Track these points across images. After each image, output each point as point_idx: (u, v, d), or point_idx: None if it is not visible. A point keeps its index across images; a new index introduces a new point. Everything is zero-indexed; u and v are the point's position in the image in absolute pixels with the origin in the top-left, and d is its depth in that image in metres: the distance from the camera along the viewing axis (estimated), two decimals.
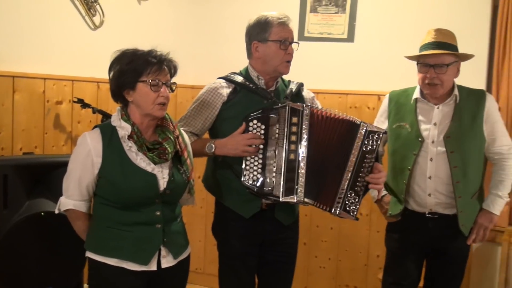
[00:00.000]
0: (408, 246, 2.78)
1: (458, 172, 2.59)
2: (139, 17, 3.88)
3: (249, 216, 2.49)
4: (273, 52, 2.47)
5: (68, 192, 2.19)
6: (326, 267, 4.15)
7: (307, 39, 4.12)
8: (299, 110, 2.34)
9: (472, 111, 2.64)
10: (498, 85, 3.57)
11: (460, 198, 2.60)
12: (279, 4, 4.15)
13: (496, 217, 2.70)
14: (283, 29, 2.47)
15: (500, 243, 3.56)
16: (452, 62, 2.59)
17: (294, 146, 2.32)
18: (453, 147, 2.60)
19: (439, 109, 2.67)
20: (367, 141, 2.33)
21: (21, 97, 3.02)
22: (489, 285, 3.70)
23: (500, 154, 2.69)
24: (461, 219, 2.62)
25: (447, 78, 2.60)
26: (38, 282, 2.73)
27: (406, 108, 2.73)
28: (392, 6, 3.88)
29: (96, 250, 2.16)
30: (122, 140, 2.13)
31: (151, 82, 2.08)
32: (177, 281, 2.30)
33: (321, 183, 2.36)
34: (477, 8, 3.64)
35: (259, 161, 2.35)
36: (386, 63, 3.87)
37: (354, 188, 2.34)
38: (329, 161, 2.37)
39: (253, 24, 2.52)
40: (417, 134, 2.66)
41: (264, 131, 2.36)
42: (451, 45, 2.60)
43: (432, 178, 2.65)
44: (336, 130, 2.37)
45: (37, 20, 3.12)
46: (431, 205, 2.68)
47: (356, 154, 2.33)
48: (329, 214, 2.41)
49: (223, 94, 2.49)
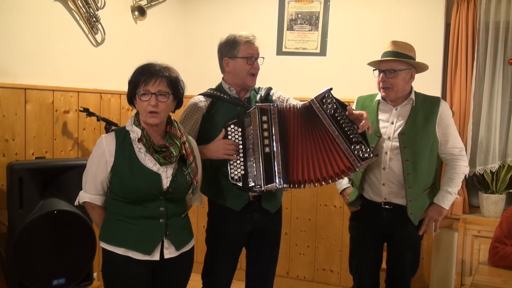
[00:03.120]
0: (365, 233, 2.81)
1: (409, 165, 2.61)
2: (136, 35, 3.86)
3: (240, 209, 2.50)
4: (240, 67, 2.52)
5: (86, 187, 2.21)
6: (305, 253, 4.17)
7: (285, 54, 4.15)
8: (267, 109, 2.38)
9: (426, 114, 2.65)
10: (451, 92, 3.62)
11: (410, 189, 2.62)
12: (260, 23, 4.19)
13: (445, 211, 2.72)
14: (249, 46, 2.53)
15: (456, 229, 3.60)
16: (402, 68, 2.61)
17: (268, 141, 2.34)
18: (405, 143, 2.62)
19: (397, 110, 2.70)
20: (325, 106, 2.36)
21: (32, 107, 2.98)
22: (447, 266, 3.76)
23: (452, 155, 2.71)
24: (410, 208, 2.63)
25: (396, 82, 2.61)
26: (51, 273, 2.70)
27: (369, 109, 2.74)
28: (358, 23, 3.93)
29: (107, 240, 2.17)
30: (133, 143, 2.14)
31: (141, 93, 2.09)
32: (181, 271, 2.28)
33: (303, 165, 2.36)
34: (433, 26, 3.70)
35: (241, 159, 2.38)
36: (354, 73, 3.91)
37: (353, 140, 2.33)
38: (314, 142, 2.37)
39: (224, 42, 2.57)
40: (376, 130, 2.68)
41: (241, 133, 2.40)
42: (403, 54, 2.63)
43: (386, 169, 2.66)
44: (300, 116, 2.40)
45: (46, 38, 3.08)
46: (385, 194, 2.69)
47: (329, 120, 2.35)
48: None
49: (202, 107, 2.52)
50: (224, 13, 4.32)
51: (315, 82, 4.06)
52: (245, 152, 2.38)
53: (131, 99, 2.17)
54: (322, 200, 4.08)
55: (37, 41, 3.03)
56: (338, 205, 4.03)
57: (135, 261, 2.12)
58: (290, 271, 4.23)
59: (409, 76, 2.67)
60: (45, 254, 2.67)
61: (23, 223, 2.58)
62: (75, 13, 3.28)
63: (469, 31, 3.54)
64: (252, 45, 2.54)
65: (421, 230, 2.71)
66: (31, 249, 2.62)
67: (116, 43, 3.62)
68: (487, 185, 3.64)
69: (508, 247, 2.74)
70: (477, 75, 3.56)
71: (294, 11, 4.09)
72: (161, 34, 4.18)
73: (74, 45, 3.29)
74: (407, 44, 2.69)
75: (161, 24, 4.17)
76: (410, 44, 2.70)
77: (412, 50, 2.69)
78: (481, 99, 3.58)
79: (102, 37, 3.48)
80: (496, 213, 3.58)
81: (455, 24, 3.58)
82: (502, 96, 3.55)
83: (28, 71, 2.98)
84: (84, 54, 3.38)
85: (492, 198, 3.60)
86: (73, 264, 2.77)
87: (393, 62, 2.62)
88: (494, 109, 3.55)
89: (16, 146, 2.89)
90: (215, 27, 4.30)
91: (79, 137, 3.33)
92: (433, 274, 3.80)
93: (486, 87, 3.56)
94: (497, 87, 3.54)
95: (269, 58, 4.15)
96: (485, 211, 3.63)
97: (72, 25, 3.28)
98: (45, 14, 3.07)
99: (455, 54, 3.59)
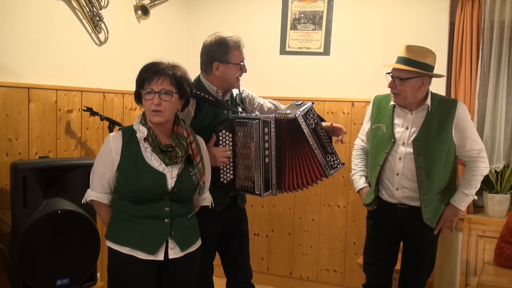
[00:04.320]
0: (380, 231, 2.81)
1: (423, 172, 2.60)
2: (139, 34, 3.84)
3: (221, 209, 2.54)
4: (232, 72, 2.50)
5: (93, 185, 2.20)
6: (308, 254, 4.15)
7: (288, 53, 4.14)
8: (268, 121, 2.41)
9: (441, 118, 2.61)
10: (456, 91, 3.60)
11: (424, 195, 2.61)
12: (263, 22, 4.18)
13: (460, 212, 2.70)
14: (241, 51, 2.51)
15: (461, 229, 3.59)
16: (409, 77, 2.56)
17: (268, 152, 2.39)
18: (419, 150, 2.60)
19: (412, 115, 2.67)
20: (308, 121, 2.48)
21: (35, 107, 2.96)
22: (452, 265, 3.74)
23: (470, 157, 2.67)
24: (425, 214, 2.63)
25: (404, 89, 2.58)
26: (55, 273, 2.68)
27: (385, 112, 2.74)
28: (362, 23, 3.91)
29: (112, 239, 2.16)
30: (140, 142, 2.13)
31: (146, 91, 2.08)
32: (186, 271, 2.26)
33: (299, 172, 2.49)
34: (437, 25, 3.68)
35: (231, 164, 2.45)
36: (358, 73, 3.90)
37: (327, 151, 2.54)
38: (296, 153, 2.49)
39: (214, 45, 2.49)
40: (390, 135, 2.67)
41: (232, 138, 2.43)
42: (415, 62, 2.55)
43: (399, 175, 2.66)
44: (288, 128, 2.48)
45: (49, 38, 3.06)
46: (399, 198, 2.69)
47: (310, 134, 2.48)
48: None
49: (191, 111, 2.46)
50: (228, 13, 4.30)
51: (319, 81, 4.06)
52: (234, 158, 2.44)
53: (138, 97, 2.15)
54: (325, 200, 4.07)
55: (41, 40, 3.01)
56: (342, 205, 4.01)
57: (140, 260, 2.11)
58: (293, 271, 4.21)
59: (420, 83, 2.59)
60: (49, 254, 2.65)
61: (26, 223, 2.56)
62: (79, 12, 3.26)
63: (473, 30, 3.52)
64: (242, 49, 2.52)
65: (436, 229, 2.70)
66: (34, 249, 2.60)
67: (119, 42, 3.60)
68: (492, 185, 3.62)
69: None
70: (481, 74, 3.54)
71: (298, 11, 4.08)
72: (164, 33, 4.16)
73: (77, 44, 3.28)
74: (422, 49, 2.59)
75: (164, 24, 4.15)
76: (427, 49, 2.60)
77: (428, 55, 2.58)
78: (486, 98, 3.57)
79: (105, 36, 3.46)
80: (501, 213, 3.56)
81: (459, 24, 3.56)
82: (507, 96, 3.53)
83: (32, 71, 2.96)
84: (87, 53, 3.36)
85: (496, 198, 3.58)
86: (77, 264, 2.75)
87: (401, 70, 2.57)
88: (498, 108, 3.53)
89: (19, 145, 2.87)
90: (218, 27, 4.20)
91: (83, 137, 3.31)
92: (438, 274, 3.78)
93: (490, 86, 3.54)
94: (502, 87, 3.52)
95: (272, 58, 4.19)
96: (489, 211, 3.61)
97: (76, 24, 3.26)
98: (48, 13, 3.05)
99: (460, 53, 3.57)
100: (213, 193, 2.45)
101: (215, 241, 2.66)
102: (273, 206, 4.21)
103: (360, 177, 2.91)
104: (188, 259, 2.23)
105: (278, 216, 4.21)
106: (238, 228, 2.73)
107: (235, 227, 2.71)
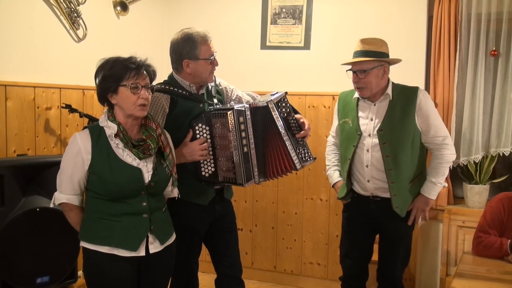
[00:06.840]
0: (355, 224, 2.85)
1: (390, 161, 2.62)
2: (118, 30, 3.82)
3: (207, 203, 2.53)
4: (203, 68, 2.46)
5: (62, 188, 2.14)
6: (292, 247, 4.17)
7: (269, 48, 4.14)
8: (243, 110, 2.38)
9: (403, 106, 2.64)
10: (435, 83, 3.64)
11: (393, 184, 2.64)
12: (244, 17, 4.17)
13: (431, 201, 2.73)
14: (209, 46, 2.46)
15: (441, 220, 3.63)
16: (372, 67, 2.60)
17: (245, 141, 2.37)
18: (384, 139, 2.63)
19: (375, 106, 2.70)
20: (280, 110, 2.42)
21: (13, 104, 2.93)
22: (433, 256, 3.78)
23: (435, 144, 2.69)
24: (394, 202, 2.66)
25: (369, 81, 2.61)
26: (35, 271, 2.68)
27: (350, 106, 2.77)
28: (342, 17, 3.93)
29: (89, 240, 2.12)
30: (110, 138, 2.10)
31: (131, 86, 2.06)
32: (164, 265, 2.27)
33: (272, 161, 2.44)
34: (415, 19, 3.70)
35: (211, 157, 2.43)
36: (338, 67, 3.85)
37: (298, 143, 2.46)
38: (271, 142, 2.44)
39: (181, 42, 2.44)
40: (356, 128, 2.70)
41: (209, 131, 2.42)
42: (373, 52, 2.60)
43: (368, 167, 2.69)
44: (262, 118, 2.44)
45: (26, 34, 3.03)
46: (371, 190, 2.72)
47: (281, 123, 2.41)
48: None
49: (165, 107, 2.44)
50: (208, 7, 4.29)
51: (300, 76, 4.06)
52: (214, 150, 2.42)
53: (106, 94, 2.11)
54: (308, 194, 4.08)
55: (17, 37, 2.98)
56: (324, 199, 4.03)
57: (121, 258, 2.10)
58: (277, 265, 4.22)
59: (382, 72, 2.64)
60: (28, 252, 2.63)
61: (4, 221, 2.55)
62: (56, 8, 3.23)
63: (451, 23, 3.55)
64: (210, 43, 2.47)
65: (409, 220, 2.73)
66: (13, 247, 2.58)
67: (98, 38, 3.58)
68: (471, 176, 3.66)
69: (491, 236, 2.76)
70: (459, 67, 3.58)
71: (278, 5, 4.08)
72: (144, 29, 4.14)
73: (55, 41, 3.25)
74: (376, 40, 2.66)
75: (144, 19, 4.13)
76: (380, 39, 2.68)
77: (383, 44, 2.66)
78: (464, 90, 3.60)
79: (83, 32, 3.43)
80: (480, 203, 3.61)
81: (437, 17, 3.58)
82: (485, 88, 3.56)
83: (8, 68, 2.93)
84: (65, 50, 3.33)
85: (476, 189, 3.62)
86: (57, 262, 2.74)
87: (362, 63, 2.60)
88: (477, 100, 3.57)
89: None
90: (199, 22, 4.25)
91: (62, 134, 3.28)
92: (419, 265, 3.82)
93: (469, 78, 3.57)
94: (480, 79, 3.55)
95: (253, 53, 4.19)
96: (469, 202, 3.65)
97: (53, 20, 3.23)
98: (25, 9, 3.02)
99: (438, 46, 3.60)
100: (198, 188, 2.44)
101: (202, 236, 2.64)
102: (256, 200, 4.22)
103: (334, 172, 2.95)
104: (166, 252, 2.23)
105: (262, 210, 4.22)
106: (227, 223, 2.71)
107: (223, 222, 2.68)
